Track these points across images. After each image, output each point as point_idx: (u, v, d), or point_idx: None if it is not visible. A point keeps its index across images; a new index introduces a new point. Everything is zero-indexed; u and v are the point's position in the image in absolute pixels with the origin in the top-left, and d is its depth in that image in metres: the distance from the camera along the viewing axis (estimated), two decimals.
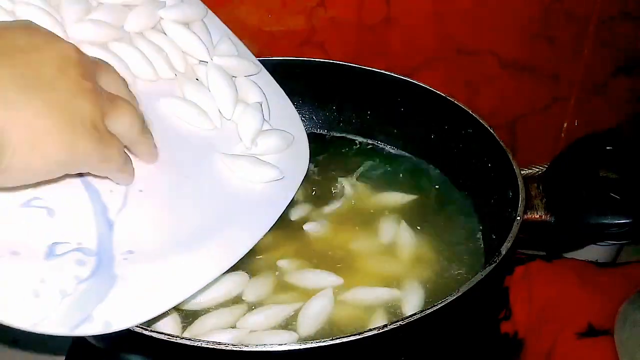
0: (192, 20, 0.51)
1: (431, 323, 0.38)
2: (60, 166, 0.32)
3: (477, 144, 0.55)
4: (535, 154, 0.77)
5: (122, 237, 0.39)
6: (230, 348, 0.35)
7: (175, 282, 0.39)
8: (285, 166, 0.50)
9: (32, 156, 0.29)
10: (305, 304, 0.45)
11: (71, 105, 0.31)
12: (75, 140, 0.31)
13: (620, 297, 0.53)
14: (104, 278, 0.37)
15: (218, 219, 0.44)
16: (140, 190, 0.42)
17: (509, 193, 0.49)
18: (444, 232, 0.53)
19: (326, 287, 0.46)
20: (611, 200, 0.47)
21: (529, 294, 0.59)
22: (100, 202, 0.40)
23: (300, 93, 0.64)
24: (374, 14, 0.65)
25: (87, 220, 0.39)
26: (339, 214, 0.54)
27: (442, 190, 0.58)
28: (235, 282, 0.46)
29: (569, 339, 0.54)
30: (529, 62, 0.72)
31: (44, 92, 0.30)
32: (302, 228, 0.52)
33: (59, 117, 0.30)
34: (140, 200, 0.41)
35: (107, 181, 0.40)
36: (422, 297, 0.46)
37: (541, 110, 0.77)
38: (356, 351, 0.36)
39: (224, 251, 0.43)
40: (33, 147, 0.29)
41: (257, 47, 0.64)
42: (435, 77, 0.69)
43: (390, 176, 0.59)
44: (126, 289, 0.37)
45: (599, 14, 0.70)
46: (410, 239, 0.51)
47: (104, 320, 0.35)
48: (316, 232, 0.52)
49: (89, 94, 0.32)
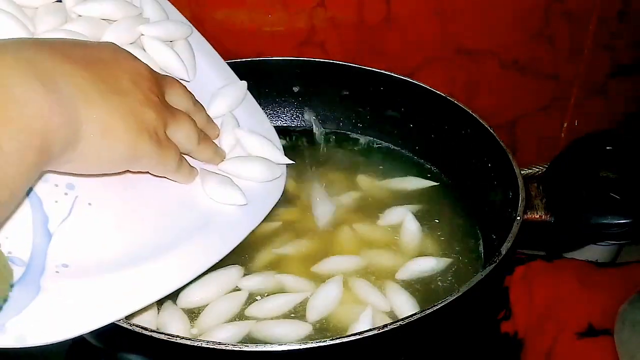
0: (175, 39, 0.51)
1: (431, 323, 0.38)
2: (123, 159, 0.37)
3: (477, 144, 0.55)
4: (535, 154, 0.77)
5: (59, 250, 0.38)
6: (230, 348, 0.35)
7: (105, 301, 0.37)
8: (257, 192, 0.49)
9: (101, 146, 0.35)
10: (314, 293, 0.45)
11: (138, 112, 0.37)
12: (138, 141, 0.37)
13: (620, 297, 0.53)
14: (27, 290, 0.35)
15: (173, 237, 0.43)
16: (89, 204, 0.40)
17: (509, 193, 0.49)
18: (443, 232, 0.53)
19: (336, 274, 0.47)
20: (611, 200, 0.47)
21: (529, 293, 0.59)
22: (42, 212, 0.38)
23: (301, 93, 0.64)
24: (374, 14, 0.65)
25: (25, 229, 0.37)
26: (340, 210, 0.54)
27: (442, 190, 0.58)
28: (231, 275, 0.47)
29: (569, 339, 0.54)
30: (529, 62, 0.72)
31: (118, 97, 0.36)
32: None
33: (127, 119, 0.36)
34: (87, 214, 0.40)
35: (54, 191, 0.39)
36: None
37: (541, 110, 0.77)
38: (356, 351, 0.36)
39: (170, 273, 0.41)
40: (103, 138, 0.35)
41: (257, 47, 0.64)
42: (435, 77, 0.69)
43: (390, 176, 0.59)
44: (48, 303, 0.35)
45: (599, 14, 0.70)
46: (416, 234, 0.52)
47: (17, 334, 0.34)
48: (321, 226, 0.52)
49: (155, 105, 0.38)
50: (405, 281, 0.48)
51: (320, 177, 0.58)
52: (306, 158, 0.61)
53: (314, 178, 0.57)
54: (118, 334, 0.37)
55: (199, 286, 0.45)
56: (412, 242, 0.51)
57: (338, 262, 0.49)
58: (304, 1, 0.64)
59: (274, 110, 0.65)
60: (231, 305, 0.45)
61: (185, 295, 0.45)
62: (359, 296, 0.46)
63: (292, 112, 0.65)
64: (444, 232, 0.53)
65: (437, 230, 0.53)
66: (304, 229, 0.52)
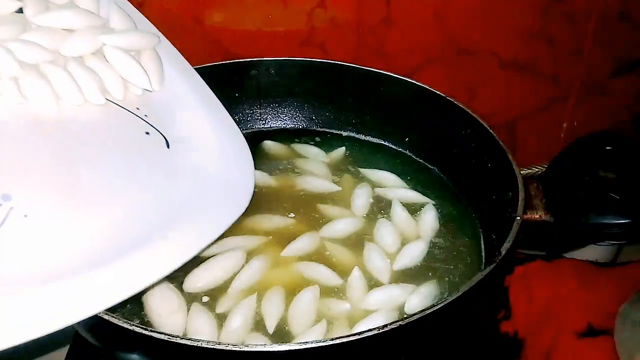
0: (141, 48, 0.51)
1: (431, 323, 0.38)
2: None
3: (477, 144, 0.55)
4: (535, 154, 0.77)
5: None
6: (230, 348, 0.35)
7: (19, 320, 0.35)
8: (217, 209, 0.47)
9: None
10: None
11: None
12: None
13: (620, 297, 0.53)
14: None
15: (115, 249, 0.40)
16: (25, 215, 0.39)
17: (509, 193, 0.49)
18: (443, 232, 0.53)
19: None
20: (611, 200, 0.47)
21: (528, 294, 0.59)
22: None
23: (301, 93, 0.64)
24: (374, 14, 0.65)
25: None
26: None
27: (442, 190, 0.58)
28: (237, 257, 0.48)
29: (569, 339, 0.54)
30: (529, 62, 0.72)
31: None
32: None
33: None
34: (21, 226, 0.38)
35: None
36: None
37: (541, 110, 0.77)
38: (356, 351, 0.36)
39: (102, 291, 0.38)
40: None
41: (257, 47, 0.64)
42: (435, 77, 0.69)
43: (390, 176, 0.59)
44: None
45: (599, 14, 0.70)
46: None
47: None
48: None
49: None
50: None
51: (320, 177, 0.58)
52: (306, 157, 0.61)
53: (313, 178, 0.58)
54: (118, 334, 0.37)
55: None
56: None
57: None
58: (304, 1, 0.64)
59: (274, 110, 0.65)
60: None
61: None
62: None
63: (292, 112, 0.65)
64: (443, 233, 0.53)
65: (437, 230, 0.53)
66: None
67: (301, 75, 0.63)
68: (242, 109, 0.64)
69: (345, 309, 0.45)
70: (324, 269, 0.48)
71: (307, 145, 0.63)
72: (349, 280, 0.47)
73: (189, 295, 0.46)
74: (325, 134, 0.64)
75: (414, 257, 0.50)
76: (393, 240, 0.51)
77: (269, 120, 0.65)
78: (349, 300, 0.46)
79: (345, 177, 0.58)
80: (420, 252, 0.50)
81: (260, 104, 0.65)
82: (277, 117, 0.65)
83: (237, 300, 0.45)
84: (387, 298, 0.46)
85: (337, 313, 0.45)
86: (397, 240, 0.51)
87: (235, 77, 0.61)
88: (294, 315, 0.44)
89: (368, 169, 0.59)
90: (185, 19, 0.62)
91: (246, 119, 0.65)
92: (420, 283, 0.47)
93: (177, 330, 0.43)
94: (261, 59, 0.62)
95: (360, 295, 0.46)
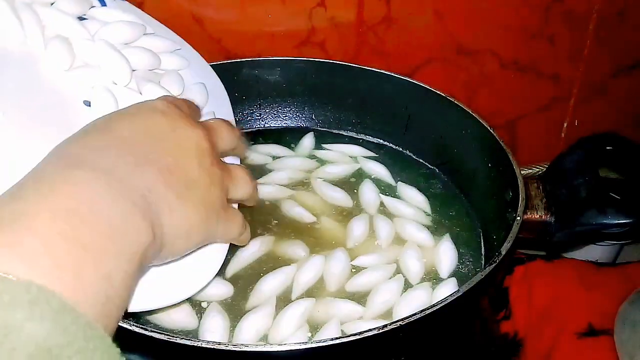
0: (130, 41, 0.49)
1: (431, 323, 0.38)
2: (196, 247, 0.37)
3: (477, 144, 0.55)
4: (535, 154, 0.77)
5: None
6: (230, 348, 0.35)
7: None
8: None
9: (180, 245, 0.35)
10: None
11: (208, 196, 0.36)
12: (209, 227, 0.37)
13: (620, 297, 0.53)
14: None
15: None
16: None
17: (509, 193, 0.49)
18: (443, 232, 0.53)
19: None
20: (611, 200, 0.47)
21: (529, 294, 0.59)
22: None
23: (301, 93, 0.64)
24: (374, 14, 0.65)
25: None
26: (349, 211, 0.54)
27: (442, 189, 0.58)
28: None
29: (569, 339, 0.54)
30: (529, 62, 0.72)
31: (190, 193, 0.35)
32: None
33: (200, 210, 0.35)
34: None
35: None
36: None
37: (541, 110, 0.77)
38: (356, 351, 0.36)
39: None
40: (182, 239, 0.35)
41: (257, 47, 0.64)
42: (435, 77, 0.69)
43: (390, 175, 0.59)
44: None
45: (599, 14, 0.70)
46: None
47: None
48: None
49: (217, 179, 0.37)
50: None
51: (321, 177, 0.58)
52: (306, 158, 0.61)
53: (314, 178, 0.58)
54: (118, 334, 0.37)
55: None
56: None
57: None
58: (304, 1, 0.64)
59: (274, 110, 0.65)
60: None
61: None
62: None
63: (292, 112, 0.65)
64: (443, 232, 0.52)
65: (437, 230, 0.53)
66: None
67: (301, 75, 0.63)
68: (242, 109, 0.64)
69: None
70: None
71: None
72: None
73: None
74: (324, 134, 0.65)
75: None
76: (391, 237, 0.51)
77: (269, 120, 0.65)
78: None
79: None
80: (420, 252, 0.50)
81: (260, 104, 0.65)
82: (277, 117, 0.65)
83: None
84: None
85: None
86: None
87: (235, 77, 0.61)
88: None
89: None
90: (185, 19, 0.62)
91: (246, 119, 0.65)
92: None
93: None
94: (261, 58, 0.62)
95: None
